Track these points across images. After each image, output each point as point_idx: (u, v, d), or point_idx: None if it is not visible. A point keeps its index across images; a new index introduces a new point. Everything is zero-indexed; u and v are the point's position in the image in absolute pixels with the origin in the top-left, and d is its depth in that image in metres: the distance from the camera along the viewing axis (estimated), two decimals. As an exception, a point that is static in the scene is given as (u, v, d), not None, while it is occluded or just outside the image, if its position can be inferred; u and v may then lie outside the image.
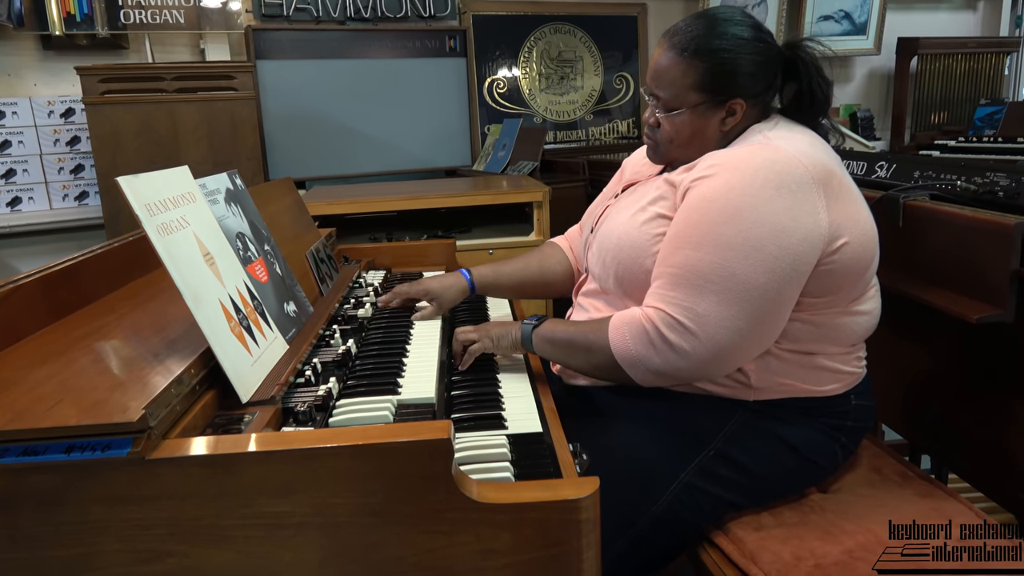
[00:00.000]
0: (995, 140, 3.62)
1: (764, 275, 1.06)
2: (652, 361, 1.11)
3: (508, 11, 3.96)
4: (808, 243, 1.07)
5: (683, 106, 1.20)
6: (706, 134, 1.21)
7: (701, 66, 1.17)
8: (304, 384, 1.05)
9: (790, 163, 1.09)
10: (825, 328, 1.16)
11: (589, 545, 0.79)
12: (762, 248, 1.06)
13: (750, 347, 1.11)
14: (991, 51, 4.60)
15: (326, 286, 1.54)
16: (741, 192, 1.07)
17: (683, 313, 1.08)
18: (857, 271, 1.14)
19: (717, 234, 1.07)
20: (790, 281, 1.08)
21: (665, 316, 1.09)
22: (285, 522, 0.77)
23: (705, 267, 1.07)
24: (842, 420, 1.23)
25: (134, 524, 0.76)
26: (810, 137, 1.17)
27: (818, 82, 1.20)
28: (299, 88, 3.47)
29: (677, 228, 1.13)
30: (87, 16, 3.08)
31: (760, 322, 1.09)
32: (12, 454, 0.74)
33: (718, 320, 1.07)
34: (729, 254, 1.06)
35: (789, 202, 1.06)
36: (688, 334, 1.08)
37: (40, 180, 3.18)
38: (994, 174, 1.38)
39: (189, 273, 0.93)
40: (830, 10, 4.45)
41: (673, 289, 1.10)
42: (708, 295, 1.07)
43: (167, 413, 0.81)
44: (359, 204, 2.49)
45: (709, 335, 1.07)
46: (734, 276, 1.06)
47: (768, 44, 1.20)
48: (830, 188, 1.10)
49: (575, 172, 3.39)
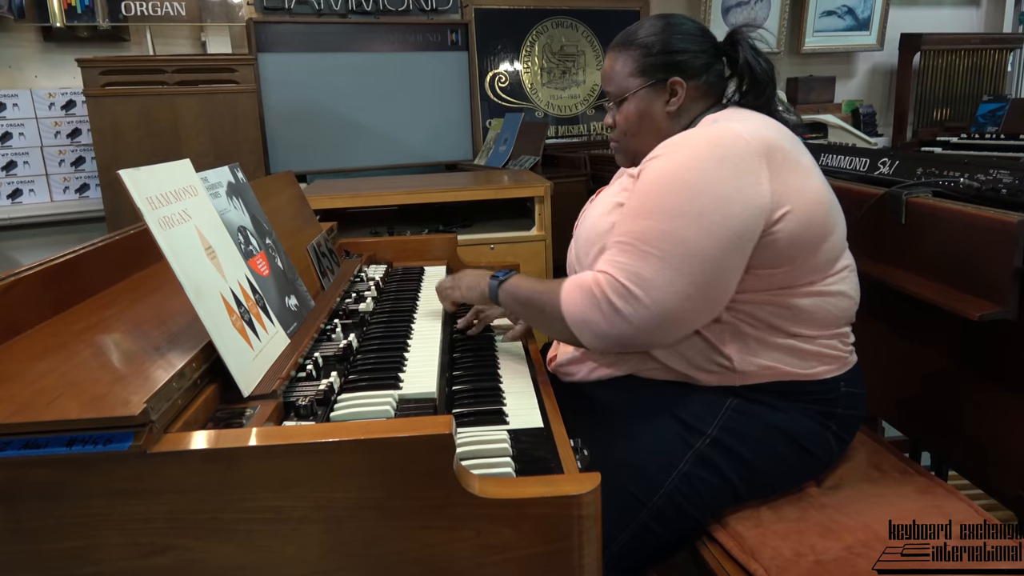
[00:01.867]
0: (998, 137, 3.61)
1: (708, 241, 1.09)
2: (599, 325, 1.13)
3: (510, 5, 3.95)
4: (750, 211, 1.10)
5: (627, 93, 1.29)
6: (654, 117, 1.28)
7: (635, 53, 1.28)
8: (305, 378, 1.05)
9: (733, 138, 1.13)
10: (797, 310, 1.17)
11: (590, 541, 0.79)
12: (706, 215, 1.09)
13: (695, 313, 1.13)
14: (994, 48, 4.58)
15: (327, 280, 1.54)
16: (687, 166, 1.12)
17: (629, 278, 1.11)
18: (808, 242, 1.15)
19: (664, 204, 1.12)
20: (734, 248, 1.10)
21: (612, 280, 1.12)
22: (286, 516, 0.77)
23: (652, 234, 1.11)
24: (832, 407, 1.23)
25: (135, 517, 0.76)
26: (760, 118, 1.22)
27: (756, 59, 1.27)
28: (301, 81, 3.46)
29: (629, 204, 1.17)
30: (88, 8, 3.07)
31: (704, 287, 1.11)
32: (14, 447, 0.74)
33: (663, 285, 1.09)
34: (675, 222, 1.10)
35: (732, 172, 1.10)
36: (633, 298, 1.10)
37: (41, 172, 3.17)
38: (997, 171, 1.37)
39: (191, 266, 0.93)
40: (833, 5, 4.43)
41: (621, 255, 1.13)
42: (653, 260, 1.10)
43: (169, 407, 0.81)
44: (360, 198, 2.49)
45: (654, 299, 1.10)
46: (680, 243, 1.09)
47: (701, 29, 1.30)
48: (774, 160, 1.13)
49: (577, 167, 3.39)
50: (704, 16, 4.18)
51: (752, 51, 1.28)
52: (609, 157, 3.51)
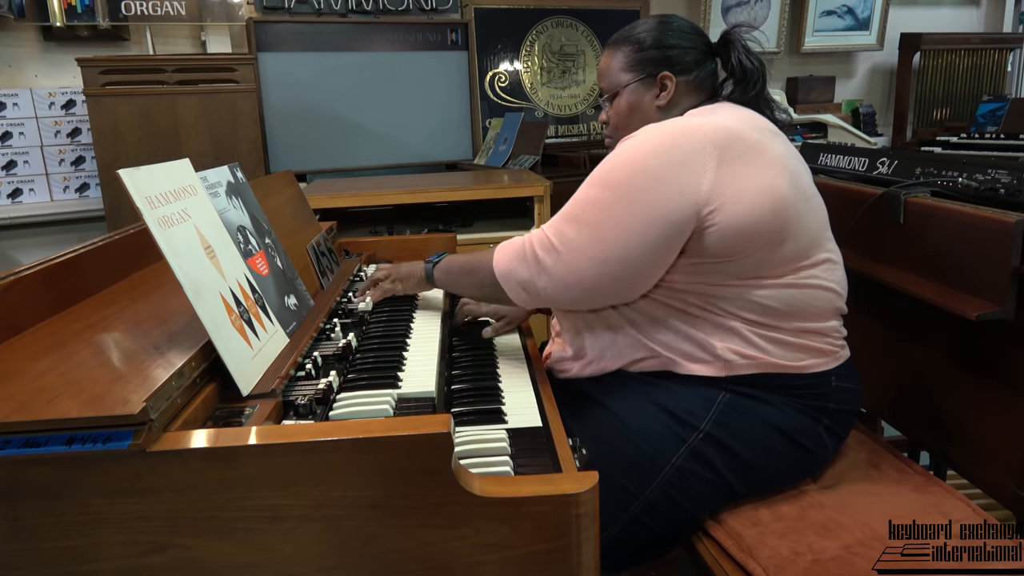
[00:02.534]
0: (997, 137, 3.62)
1: (633, 218, 1.13)
2: (521, 274, 1.21)
3: (510, 4, 3.95)
4: (683, 197, 1.12)
5: (617, 87, 1.33)
6: (643, 110, 1.31)
7: (625, 48, 1.32)
8: (304, 377, 1.06)
9: (691, 128, 1.16)
10: (771, 300, 1.17)
11: (588, 539, 0.80)
12: (638, 193, 1.13)
13: (607, 282, 1.17)
14: (994, 47, 4.58)
15: (327, 279, 1.54)
16: (640, 147, 1.16)
17: (555, 234, 1.18)
18: (759, 234, 1.14)
19: (605, 176, 1.17)
20: (657, 230, 1.13)
21: (541, 235, 1.20)
22: (285, 515, 0.77)
23: (587, 202, 1.18)
24: (824, 401, 1.23)
25: (135, 516, 0.76)
26: (739, 112, 1.24)
27: (747, 56, 1.30)
28: (300, 81, 3.46)
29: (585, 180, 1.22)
30: (88, 7, 3.07)
31: (620, 261, 1.15)
32: (13, 446, 0.74)
33: (580, 247, 1.16)
34: (608, 193, 1.15)
35: (676, 158, 1.13)
36: (554, 252, 1.17)
37: (41, 172, 3.18)
38: (995, 171, 1.37)
39: (190, 266, 0.93)
40: (833, 5, 4.44)
41: (558, 218, 1.20)
42: (580, 225, 1.16)
43: (168, 406, 0.81)
44: (360, 197, 2.49)
45: (571, 258, 1.16)
46: (607, 212, 1.14)
47: (692, 27, 1.33)
48: (729, 151, 1.13)
49: (576, 166, 3.39)
50: (704, 16, 4.18)
51: (743, 50, 1.30)
52: (609, 157, 3.51)
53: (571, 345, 1.33)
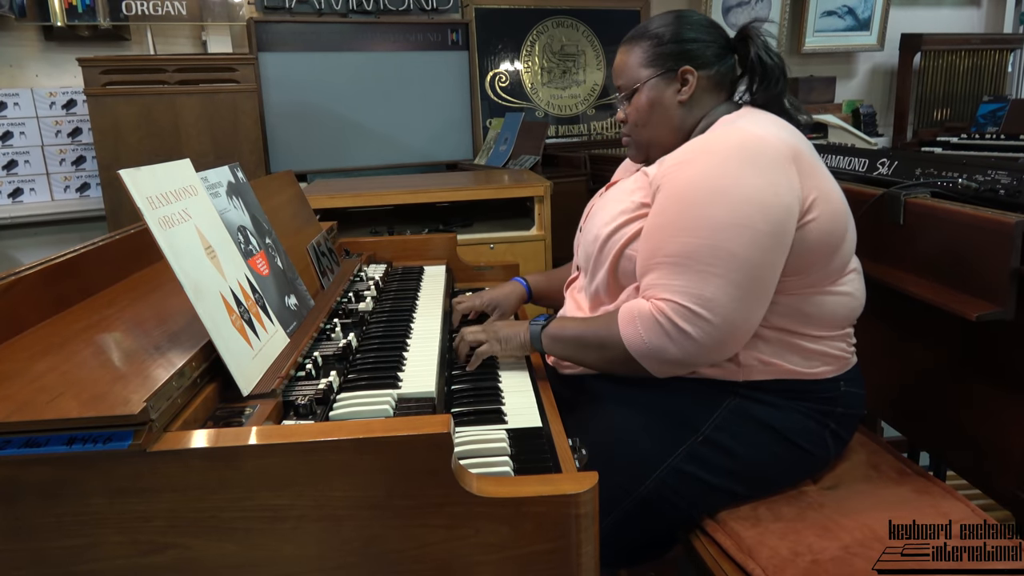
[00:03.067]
0: (998, 137, 3.61)
1: (758, 250, 1.10)
2: (668, 351, 1.13)
3: (510, 4, 3.95)
4: (790, 214, 1.12)
5: (636, 84, 1.29)
6: (665, 107, 1.27)
7: (644, 44, 1.28)
8: (305, 377, 1.06)
9: (760, 142, 1.13)
10: (806, 309, 1.18)
11: (588, 540, 0.80)
12: (751, 225, 1.09)
13: (755, 319, 1.14)
14: (995, 48, 4.58)
15: (327, 280, 1.54)
16: (720, 174, 1.12)
17: (693, 300, 1.10)
18: (829, 246, 1.17)
19: (707, 217, 1.10)
20: (778, 251, 1.12)
21: (675, 306, 1.11)
22: (285, 515, 0.77)
23: (703, 252, 1.10)
24: (831, 406, 1.23)
25: (135, 516, 0.76)
26: (775, 122, 1.22)
27: (767, 53, 1.27)
28: (301, 81, 3.46)
29: (664, 217, 1.16)
30: (89, 7, 3.07)
31: (760, 293, 1.13)
32: (14, 446, 0.74)
33: (726, 300, 1.10)
34: (722, 235, 1.09)
35: (769, 177, 1.11)
36: (700, 320, 1.10)
37: (42, 171, 3.18)
38: (995, 172, 1.38)
39: (190, 266, 0.93)
40: (833, 6, 4.43)
41: (676, 277, 1.12)
42: (712, 278, 1.09)
43: (168, 406, 0.81)
44: (360, 198, 2.49)
45: (722, 316, 1.10)
46: (732, 256, 1.09)
47: (711, 22, 1.30)
48: (801, 163, 1.14)
49: (577, 166, 3.39)
50: (704, 16, 4.18)
51: (763, 46, 1.28)
52: (609, 157, 3.52)
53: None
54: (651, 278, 1.15)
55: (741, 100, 1.32)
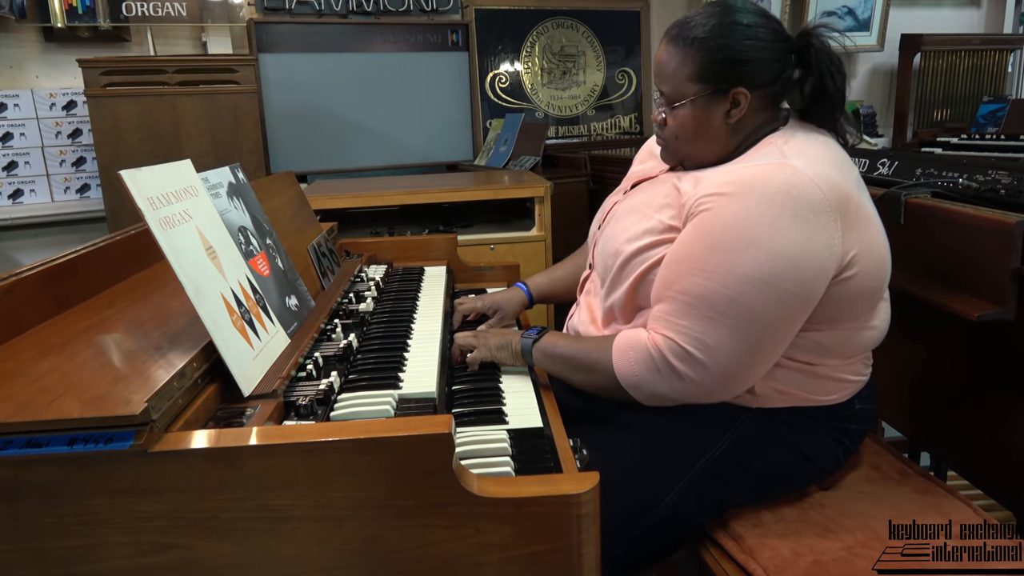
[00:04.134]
0: (998, 137, 3.61)
1: (777, 308, 1.05)
2: (657, 387, 1.11)
3: (510, 5, 3.95)
4: (821, 275, 1.06)
5: (684, 98, 1.17)
6: (711, 127, 1.17)
7: (698, 55, 1.15)
8: (306, 378, 1.06)
9: (805, 187, 1.05)
10: (831, 345, 1.16)
11: (589, 540, 0.80)
12: (777, 283, 1.04)
13: (757, 373, 1.12)
14: (995, 48, 4.58)
15: (328, 280, 1.54)
16: (757, 221, 1.04)
17: (693, 344, 1.07)
18: (867, 296, 1.14)
19: (732, 264, 1.04)
20: (800, 310, 1.08)
21: (674, 345, 1.08)
22: (286, 515, 0.77)
23: (718, 299, 1.05)
24: (846, 424, 1.23)
25: (136, 516, 0.76)
26: (828, 151, 1.14)
27: (831, 73, 1.15)
28: (301, 82, 3.46)
29: (688, 249, 1.10)
30: (89, 8, 3.07)
31: (769, 350, 1.09)
32: (15, 446, 0.74)
33: (728, 352, 1.06)
34: (743, 287, 1.04)
35: (806, 233, 1.04)
36: (696, 364, 1.07)
37: (42, 172, 3.18)
38: (996, 172, 1.38)
39: (191, 267, 0.93)
40: (833, 6, 4.43)
41: (683, 317, 1.08)
42: (719, 327, 1.06)
43: (169, 406, 0.81)
44: (361, 198, 2.49)
45: (719, 365, 1.07)
46: (748, 310, 1.04)
47: (774, 31, 1.16)
48: (847, 215, 1.07)
49: (577, 167, 3.39)
50: (704, 17, 4.18)
51: (828, 61, 1.15)
52: (609, 157, 3.52)
53: None
54: (659, 309, 1.12)
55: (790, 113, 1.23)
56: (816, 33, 1.16)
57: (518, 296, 1.58)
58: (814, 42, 1.16)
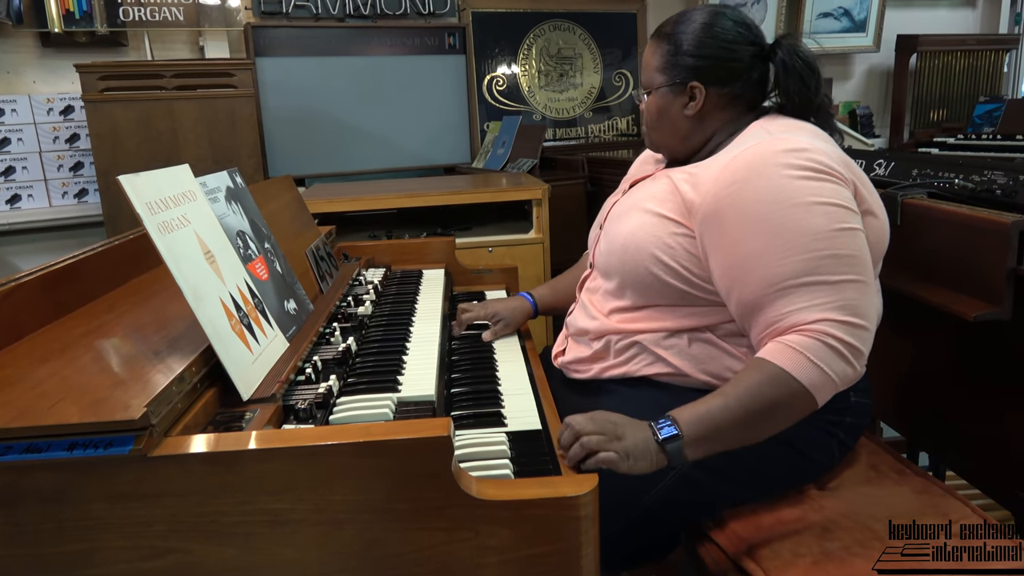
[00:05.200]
0: (994, 137, 3.63)
1: (861, 245, 1.09)
2: (848, 373, 1.04)
3: (507, 8, 3.96)
4: (856, 215, 1.11)
5: (651, 87, 1.26)
6: (671, 118, 1.25)
7: (663, 47, 1.24)
8: (305, 382, 1.06)
9: (808, 151, 1.10)
10: None
11: (588, 542, 0.80)
12: (841, 223, 1.06)
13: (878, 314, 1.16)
14: (990, 48, 4.60)
15: (326, 284, 1.55)
16: (791, 186, 1.07)
17: (845, 312, 1.03)
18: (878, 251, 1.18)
19: (801, 230, 1.05)
20: (867, 246, 1.11)
21: (835, 323, 1.03)
22: (286, 519, 0.78)
23: (827, 262, 1.05)
24: (840, 416, 1.23)
25: (136, 521, 0.76)
26: (812, 128, 1.19)
27: (796, 80, 1.20)
28: (298, 85, 3.47)
29: (757, 241, 1.07)
30: (86, 13, 3.08)
31: (875, 286, 1.14)
32: (15, 451, 0.74)
33: (865, 300, 1.07)
34: (825, 241, 1.05)
35: (831, 183, 1.09)
36: (859, 329, 1.05)
37: (39, 177, 3.18)
38: (992, 172, 1.38)
39: (190, 271, 0.94)
40: (829, 7, 4.45)
41: (817, 296, 1.04)
42: (848, 285, 1.05)
43: (169, 411, 0.81)
44: (359, 202, 2.49)
45: (868, 318, 1.07)
46: (852, 257, 1.06)
47: (743, 36, 1.21)
48: (852, 170, 1.15)
49: (574, 169, 3.39)
50: (701, 18, 4.19)
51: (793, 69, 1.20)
52: (607, 160, 3.52)
53: (590, 348, 1.30)
54: (780, 307, 1.06)
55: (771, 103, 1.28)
56: (784, 44, 1.22)
57: (523, 306, 1.56)
58: (779, 51, 1.21)
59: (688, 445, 1.01)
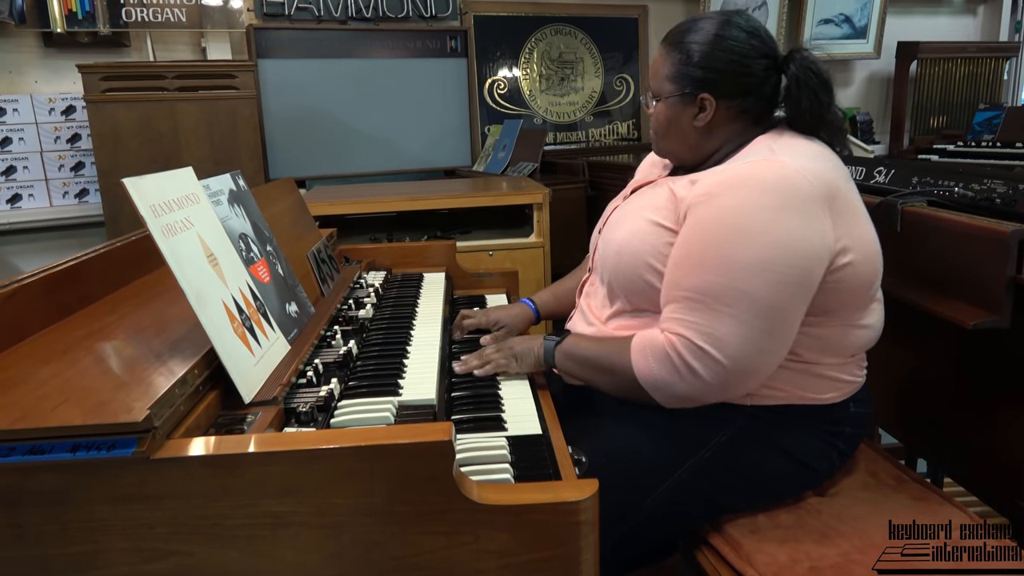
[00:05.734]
0: (994, 145, 3.63)
1: (776, 294, 1.07)
2: (677, 387, 1.12)
3: (509, 12, 3.97)
4: (815, 260, 1.08)
5: (660, 95, 1.26)
6: (681, 128, 1.24)
7: (674, 56, 1.22)
8: (306, 385, 1.06)
9: (795, 179, 1.08)
10: (826, 340, 1.17)
11: (588, 547, 0.80)
12: (774, 268, 1.06)
13: (768, 363, 1.12)
14: (990, 56, 4.61)
15: (327, 287, 1.55)
16: (749, 212, 1.08)
17: (703, 339, 1.09)
18: (860, 289, 1.16)
19: (728, 255, 1.08)
20: (800, 297, 1.09)
21: (687, 342, 1.10)
22: (287, 521, 0.78)
23: (720, 290, 1.08)
24: (840, 427, 1.24)
25: (139, 523, 0.76)
26: (817, 148, 1.17)
27: (808, 93, 1.17)
28: (300, 87, 3.47)
29: (687, 248, 1.13)
30: (88, 14, 3.08)
31: (776, 338, 1.10)
32: (18, 453, 0.75)
33: (738, 342, 1.08)
34: (742, 275, 1.07)
35: (798, 221, 1.07)
36: (710, 359, 1.09)
37: (40, 177, 3.18)
38: (991, 181, 1.38)
39: (193, 274, 0.94)
40: (830, 14, 4.46)
41: (691, 314, 1.10)
42: (725, 318, 1.08)
43: (171, 413, 0.81)
44: (360, 204, 2.49)
45: (731, 357, 1.08)
46: (748, 296, 1.07)
47: (756, 48, 1.19)
48: (835, 205, 1.10)
49: (575, 173, 3.40)
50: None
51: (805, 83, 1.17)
52: (608, 164, 3.53)
53: None
54: (668, 311, 1.14)
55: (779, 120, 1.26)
56: (798, 58, 1.19)
57: (524, 312, 1.57)
58: (793, 65, 1.19)
59: (559, 352, 1.26)
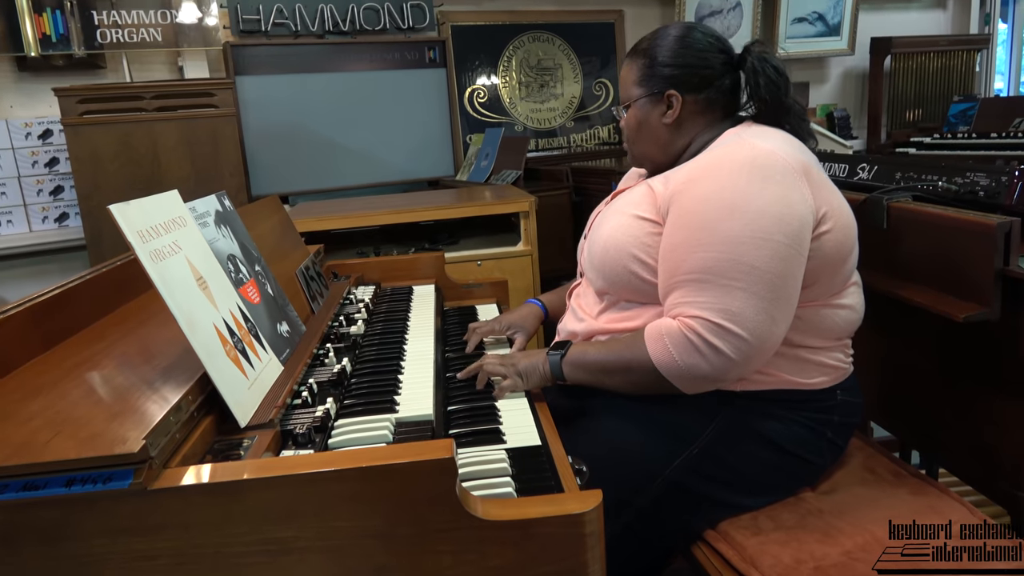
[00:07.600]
0: (969, 136, 3.68)
1: (778, 262, 1.10)
2: (700, 368, 1.12)
3: (486, 21, 3.98)
4: (804, 224, 1.13)
5: (629, 101, 1.32)
6: (651, 128, 1.30)
7: (639, 63, 1.30)
8: (301, 405, 1.05)
9: (769, 156, 1.14)
10: (807, 320, 1.19)
11: (595, 559, 0.80)
12: (769, 237, 1.10)
13: (780, 334, 1.14)
14: (962, 48, 4.67)
15: (317, 304, 1.54)
16: (732, 189, 1.12)
17: (720, 315, 1.10)
18: (838, 260, 1.18)
19: (723, 231, 1.11)
20: (797, 264, 1.13)
21: (704, 322, 1.10)
22: (289, 547, 0.77)
23: (724, 266, 1.10)
24: (828, 415, 1.24)
25: (138, 555, 0.75)
26: (784, 135, 1.22)
27: (767, 85, 1.24)
28: (279, 103, 3.45)
29: (680, 235, 1.16)
30: (63, 36, 3.05)
31: (785, 305, 1.12)
32: (12, 489, 0.73)
33: (752, 314, 1.09)
34: (741, 248, 1.10)
35: (780, 191, 1.11)
36: (730, 335, 1.10)
37: (19, 203, 3.14)
38: (974, 174, 1.40)
39: (183, 298, 0.93)
40: (804, 12, 4.50)
41: (701, 294, 1.11)
42: (735, 292, 1.10)
43: (167, 442, 0.80)
44: (346, 219, 2.48)
45: (749, 330, 1.09)
46: (753, 268, 1.09)
47: (713, 45, 1.28)
48: (811, 176, 1.15)
49: (559, 179, 3.40)
50: (678, 26, 4.22)
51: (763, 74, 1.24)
52: (591, 169, 3.54)
53: None
54: (675, 297, 1.15)
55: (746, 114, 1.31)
56: (753, 51, 1.27)
57: (533, 312, 1.57)
58: (749, 58, 1.27)
59: (565, 364, 1.24)
